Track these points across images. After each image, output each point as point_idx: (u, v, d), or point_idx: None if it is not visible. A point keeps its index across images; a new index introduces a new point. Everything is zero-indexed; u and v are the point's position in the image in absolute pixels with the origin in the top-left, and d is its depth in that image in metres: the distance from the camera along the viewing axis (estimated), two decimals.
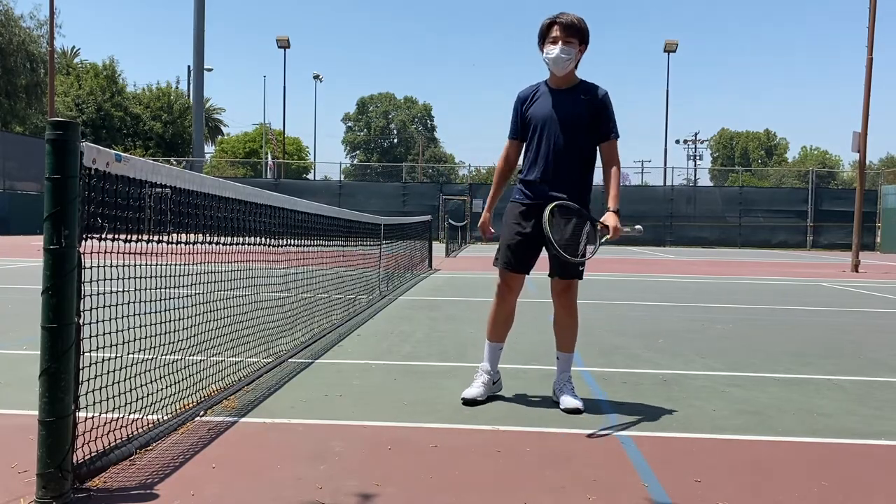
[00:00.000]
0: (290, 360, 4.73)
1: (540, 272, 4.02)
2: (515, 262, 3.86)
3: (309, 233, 5.79)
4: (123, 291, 2.95)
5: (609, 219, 3.70)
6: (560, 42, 3.72)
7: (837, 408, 3.94)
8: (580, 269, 3.82)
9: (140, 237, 2.99)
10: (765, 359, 5.37)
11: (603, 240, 3.72)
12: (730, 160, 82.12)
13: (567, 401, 3.74)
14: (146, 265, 3.23)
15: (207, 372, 3.74)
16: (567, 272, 3.80)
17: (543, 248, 3.83)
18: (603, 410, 3.78)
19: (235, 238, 4.03)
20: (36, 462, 2.38)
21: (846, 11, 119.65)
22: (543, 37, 3.80)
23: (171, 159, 42.79)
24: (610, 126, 3.82)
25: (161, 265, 3.39)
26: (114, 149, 5.60)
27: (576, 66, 3.83)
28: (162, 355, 3.31)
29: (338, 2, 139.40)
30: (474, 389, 3.85)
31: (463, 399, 3.81)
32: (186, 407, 3.40)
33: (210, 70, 47.10)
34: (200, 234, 3.60)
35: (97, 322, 2.65)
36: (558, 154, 3.76)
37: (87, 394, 2.60)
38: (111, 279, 2.86)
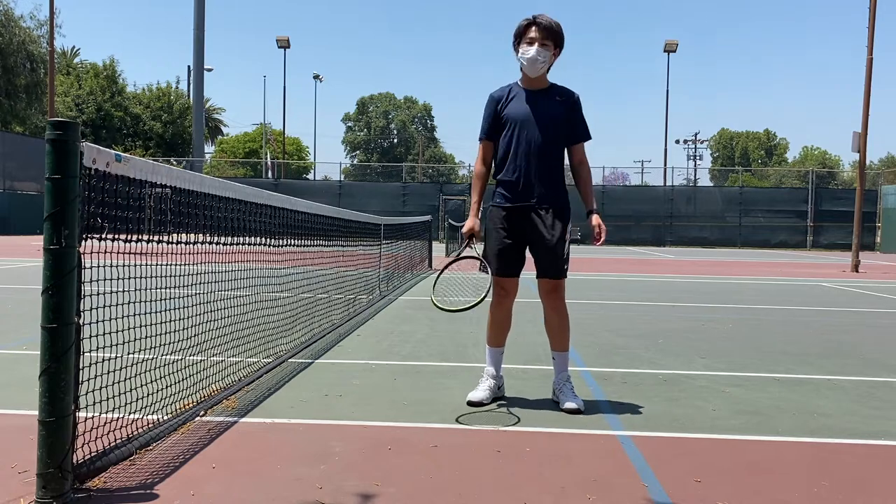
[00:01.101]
0: (290, 360, 4.73)
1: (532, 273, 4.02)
2: (505, 267, 3.86)
3: (309, 233, 5.79)
4: (123, 291, 2.95)
5: (595, 220, 3.81)
6: (537, 43, 3.73)
7: (837, 408, 3.94)
8: (564, 268, 3.83)
9: (140, 237, 2.99)
10: (765, 359, 5.37)
11: (598, 242, 3.84)
12: (730, 160, 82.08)
13: (567, 401, 3.74)
14: (146, 265, 3.23)
15: (207, 372, 3.74)
16: (553, 272, 3.81)
17: (528, 249, 3.87)
18: (603, 410, 3.78)
19: (235, 238, 4.03)
20: (36, 462, 2.38)
21: (846, 11, 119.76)
22: (520, 36, 3.80)
23: (171, 159, 42.79)
24: (584, 128, 3.90)
25: (161, 265, 3.39)
26: (114, 149, 5.60)
27: (548, 70, 3.86)
28: (162, 355, 3.31)
29: (338, 2, 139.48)
30: (480, 393, 3.85)
31: (468, 402, 3.81)
32: (186, 407, 3.40)
33: (210, 70, 47.11)
34: (200, 234, 3.60)
35: (97, 322, 2.65)
36: (536, 154, 3.77)
37: (87, 394, 2.60)
38: (111, 279, 2.86)
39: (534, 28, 3.76)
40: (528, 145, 3.78)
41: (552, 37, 3.77)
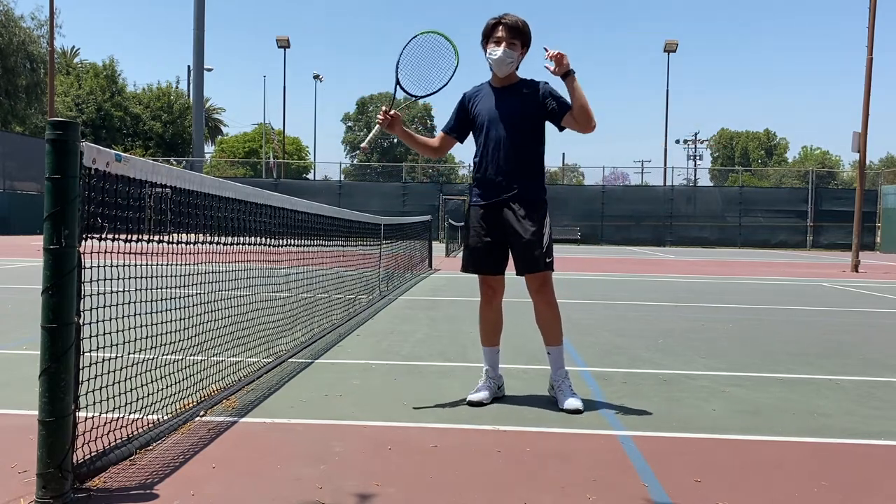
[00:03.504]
0: (290, 360, 4.73)
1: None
2: (486, 265, 3.89)
3: (309, 233, 5.79)
4: (123, 291, 2.95)
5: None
6: (503, 43, 3.75)
7: (837, 408, 3.94)
8: (548, 260, 3.82)
9: (140, 237, 2.99)
10: (765, 359, 5.37)
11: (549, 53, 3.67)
12: (730, 160, 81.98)
13: (567, 401, 3.74)
14: (146, 265, 3.23)
15: (207, 372, 3.74)
16: (530, 268, 3.80)
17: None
18: (603, 410, 3.78)
19: (235, 238, 4.03)
20: (36, 462, 2.38)
21: (846, 11, 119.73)
22: (487, 36, 3.82)
23: (171, 159, 42.80)
24: (565, 100, 3.80)
25: (161, 265, 3.39)
26: (114, 149, 5.60)
27: (517, 68, 3.86)
28: (162, 355, 3.31)
29: (338, 2, 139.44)
30: (479, 393, 3.85)
31: (468, 402, 3.81)
32: (186, 407, 3.40)
33: (210, 70, 47.11)
34: (200, 234, 3.60)
35: (97, 322, 2.65)
36: (506, 150, 3.78)
37: (87, 394, 2.60)
38: (111, 279, 2.86)
39: (500, 28, 3.77)
40: (498, 142, 3.80)
41: (519, 36, 3.78)
